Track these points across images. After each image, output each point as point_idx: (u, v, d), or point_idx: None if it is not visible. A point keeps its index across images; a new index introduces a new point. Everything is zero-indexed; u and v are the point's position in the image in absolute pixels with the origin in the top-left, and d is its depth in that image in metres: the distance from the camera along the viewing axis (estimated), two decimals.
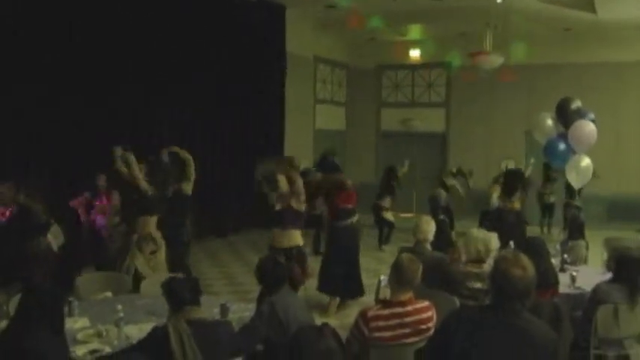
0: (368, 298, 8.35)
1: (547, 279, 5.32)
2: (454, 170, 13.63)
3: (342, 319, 7.94)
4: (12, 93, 9.65)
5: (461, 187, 13.24)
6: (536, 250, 5.39)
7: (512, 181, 10.28)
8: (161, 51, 12.05)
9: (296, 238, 7.12)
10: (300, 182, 7.07)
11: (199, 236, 11.93)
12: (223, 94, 13.81)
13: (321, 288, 8.75)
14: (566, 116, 8.53)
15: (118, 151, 7.60)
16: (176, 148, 8.59)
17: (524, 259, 3.47)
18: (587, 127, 8.40)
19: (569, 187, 12.18)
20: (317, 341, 3.31)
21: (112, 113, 11.07)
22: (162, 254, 7.30)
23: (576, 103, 8.66)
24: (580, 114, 8.52)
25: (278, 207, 7.01)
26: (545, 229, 14.64)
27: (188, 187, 8.66)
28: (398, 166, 13.66)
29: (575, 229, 8.60)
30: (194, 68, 12.94)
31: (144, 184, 7.41)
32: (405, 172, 13.60)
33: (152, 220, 7.45)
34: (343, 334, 4.55)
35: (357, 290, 8.81)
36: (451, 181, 13.05)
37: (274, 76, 15.28)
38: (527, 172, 10.72)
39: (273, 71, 15.23)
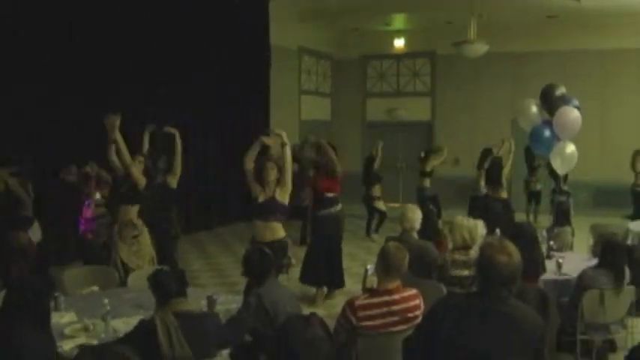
0: (355, 287, 8.37)
1: (535, 266, 5.34)
2: (422, 155, 13.63)
3: (329, 309, 7.95)
4: (11, 92, 9.60)
5: (437, 160, 13.22)
6: (524, 237, 5.42)
7: (495, 171, 10.34)
8: (143, 46, 11.97)
9: (278, 231, 6.96)
10: (289, 174, 6.98)
11: (186, 229, 11.91)
12: (207, 86, 13.76)
13: (304, 279, 8.73)
14: (550, 103, 8.54)
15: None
16: (174, 130, 8.53)
17: (510, 246, 3.48)
18: (572, 114, 8.41)
19: (553, 174, 12.23)
20: (304, 330, 3.31)
21: (117, 106, 10.99)
22: (145, 238, 7.23)
23: (561, 90, 8.67)
24: (564, 100, 8.53)
25: (261, 199, 6.89)
26: (532, 217, 14.70)
27: (173, 181, 8.63)
28: (372, 152, 13.63)
29: (561, 216, 8.66)
30: (178, 62, 12.86)
31: (141, 180, 7.34)
32: (378, 154, 13.53)
33: (133, 209, 7.38)
34: (331, 324, 4.55)
35: (338, 281, 8.81)
36: (429, 166, 13.05)
37: (259, 67, 15.22)
38: (500, 152, 10.74)
39: (258, 63, 15.16)
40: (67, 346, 4.40)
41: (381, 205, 13.38)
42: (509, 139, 11.11)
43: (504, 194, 10.42)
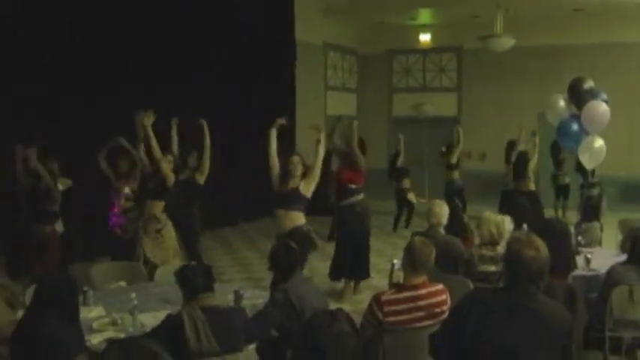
0: (381, 283, 8.36)
1: (565, 262, 5.28)
2: (443, 150, 13.61)
3: (355, 305, 7.95)
4: (13, 92, 9.62)
5: (458, 149, 13.22)
6: (554, 232, 5.36)
7: (520, 164, 10.28)
8: (170, 41, 12.02)
9: (299, 219, 7.01)
10: (318, 169, 7.05)
11: (211, 225, 11.96)
12: (233, 82, 13.78)
13: (332, 276, 8.75)
14: (578, 97, 8.45)
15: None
16: (202, 121, 8.54)
17: (538, 240, 3.44)
18: (600, 108, 8.31)
19: (580, 169, 12.10)
20: (330, 325, 3.32)
21: (117, 107, 11.07)
22: (169, 232, 7.29)
23: (589, 84, 8.57)
24: (592, 94, 8.43)
25: (285, 190, 6.98)
26: (560, 212, 14.53)
27: (201, 178, 8.73)
28: (397, 147, 13.62)
29: (589, 211, 8.57)
30: (204, 57, 12.91)
31: (170, 177, 7.42)
32: (401, 149, 13.54)
33: (159, 204, 7.45)
34: (357, 319, 4.55)
35: (364, 272, 8.81)
36: (453, 158, 13.03)
37: (284, 63, 15.23)
38: (520, 142, 10.67)
39: (283, 59, 15.18)
40: (95, 340, 4.44)
41: (412, 197, 13.35)
42: (534, 132, 11.00)
43: (532, 186, 10.35)
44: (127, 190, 8.63)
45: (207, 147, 8.60)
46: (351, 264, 8.65)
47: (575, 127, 8.48)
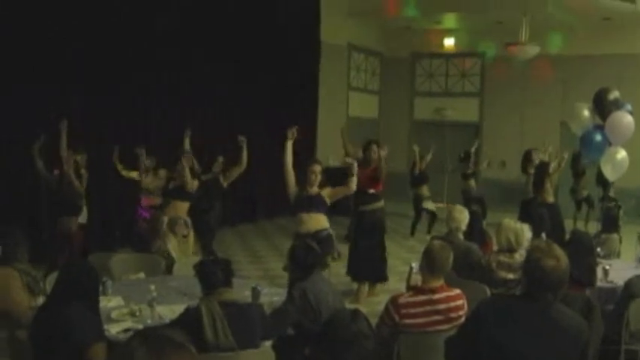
0: (398, 285, 8.36)
1: (587, 275, 5.27)
2: (462, 156, 13.60)
3: (371, 306, 7.94)
4: (25, 90, 9.70)
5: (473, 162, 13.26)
6: (581, 245, 5.36)
7: (538, 175, 10.24)
8: (195, 41, 12.10)
9: (322, 221, 7.13)
10: (338, 195, 7.25)
11: (230, 221, 12.02)
12: (257, 82, 13.82)
13: (350, 275, 8.79)
14: (603, 107, 8.42)
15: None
16: (243, 139, 8.82)
17: (558, 250, 3.44)
18: (625, 119, 8.28)
19: (601, 181, 12.03)
20: (350, 325, 3.33)
21: (140, 103, 11.18)
22: (191, 239, 7.39)
23: (614, 94, 8.54)
24: (617, 105, 8.40)
25: (306, 194, 7.05)
26: (581, 224, 14.35)
27: (226, 182, 8.89)
28: (425, 154, 13.58)
29: (608, 223, 8.51)
30: (230, 56, 12.96)
31: (190, 184, 7.55)
32: (428, 159, 13.52)
33: (184, 205, 7.55)
34: (373, 321, 4.57)
35: (381, 275, 8.80)
36: (470, 169, 13.07)
37: (308, 64, 15.28)
38: (555, 164, 10.65)
39: (308, 59, 15.22)
40: (113, 330, 4.49)
41: (430, 205, 13.29)
42: (562, 152, 10.94)
43: (551, 198, 10.31)
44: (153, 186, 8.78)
45: (242, 163, 9.06)
46: (367, 265, 8.65)
47: (598, 137, 8.45)
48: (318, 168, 7.20)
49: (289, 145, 7.20)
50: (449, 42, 17.99)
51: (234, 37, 13.03)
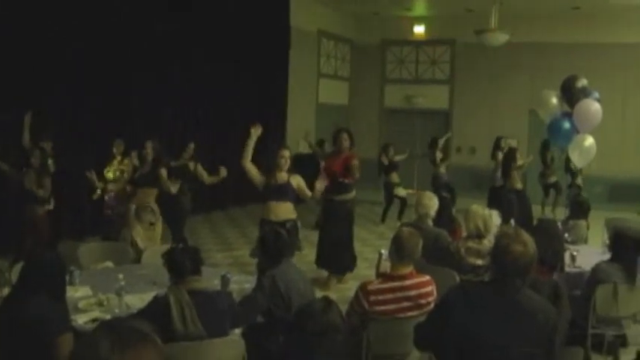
0: (367, 272, 8.38)
1: (553, 260, 5.32)
2: (429, 142, 13.75)
3: (341, 292, 7.98)
4: (25, 87, 9.66)
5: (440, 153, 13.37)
6: (546, 231, 5.41)
7: (506, 161, 10.33)
8: (161, 28, 11.94)
9: (290, 211, 7.17)
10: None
11: (200, 208, 11.96)
12: (227, 68, 13.73)
13: (318, 264, 8.78)
14: (571, 95, 8.48)
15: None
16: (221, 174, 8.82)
17: (525, 235, 3.46)
18: (593, 107, 8.35)
19: (569, 168, 12.18)
20: (321, 316, 3.32)
21: (108, 90, 11.07)
22: (159, 226, 7.32)
23: (582, 82, 8.60)
24: (585, 93, 8.47)
25: (274, 182, 7.06)
26: (549, 210, 14.53)
27: (193, 167, 8.87)
28: (391, 147, 13.59)
29: (576, 209, 8.60)
30: (196, 43, 12.83)
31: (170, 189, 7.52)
32: (401, 158, 13.60)
33: (152, 192, 7.46)
34: (342, 308, 4.56)
35: (349, 265, 8.81)
36: (438, 155, 13.18)
37: (278, 50, 15.20)
38: (524, 162, 10.80)
39: (277, 45, 15.14)
40: (80, 320, 4.44)
41: (401, 191, 13.35)
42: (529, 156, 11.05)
43: (519, 185, 10.41)
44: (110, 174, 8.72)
45: (211, 180, 8.97)
46: (336, 255, 8.64)
47: (566, 125, 8.52)
48: (287, 153, 7.24)
49: (251, 143, 7.15)
50: (419, 29, 18.04)
51: (202, 24, 12.89)
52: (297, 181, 7.22)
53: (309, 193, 7.35)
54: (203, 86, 13.27)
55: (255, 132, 7.13)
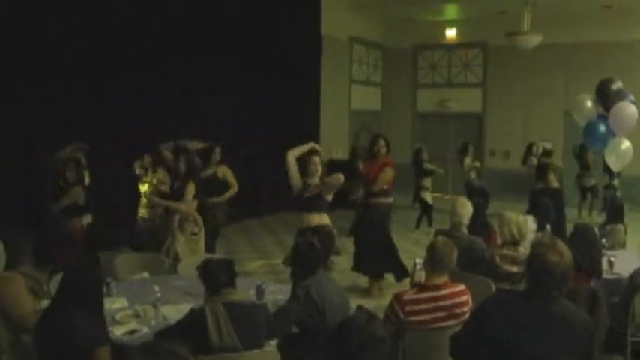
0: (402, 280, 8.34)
1: (591, 267, 5.26)
2: (460, 148, 13.60)
3: (377, 301, 7.95)
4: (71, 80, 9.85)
5: (472, 162, 13.20)
6: (584, 237, 5.35)
7: (542, 163, 10.21)
8: (195, 35, 12.05)
9: (324, 218, 7.15)
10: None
11: (235, 217, 12.01)
12: (259, 76, 13.79)
13: (357, 269, 8.76)
14: (606, 98, 8.38)
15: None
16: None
17: (561, 245, 3.43)
18: (628, 109, 8.24)
19: (607, 170, 12.00)
20: (365, 327, 3.31)
21: (151, 102, 11.17)
22: (202, 237, 7.35)
23: (617, 84, 8.49)
24: (621, 95, 8.36)
25: (307, 194, 7.07)
26: (585, 213, 14.35)
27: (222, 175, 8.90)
28: (424, 152, 13.50)
29: (613, 213, 8.49)
30: (230, 51, 12.92)
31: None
32: (433, 168, 13.50)
33: (194, 204, 7.52)
34: (380, 316, 4.55)
35: (398, 270, 8.71)
36: (466, 161, 13.06)
37: (310, 57, 15.24)
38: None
39: (309, 53, 15.19)
40: (117, 331, 4.49)
41: (427, 196, 13.26)
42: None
43: (555, 184, 10.30)
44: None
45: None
46: (373, 261, 8.62)
47: (602, 128, 8.42)
48: (317, 159, 7.23)
49: (306, 147, 7.28)
50: (451, 33, 17.95)
51: (234, 33, 12.98)
52: (324, 184, 7.14)
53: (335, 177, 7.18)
54: (236, 95, 13.36)
55: (312, 145, 7.26)
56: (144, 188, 8.76)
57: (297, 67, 14.76)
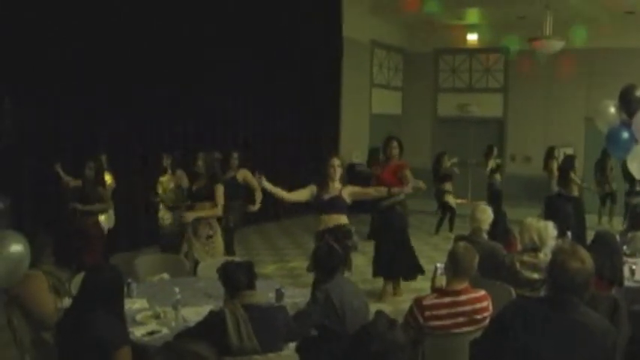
0: (421, 285, 8.31)
1: (612, 275, 5.22)
2: (486, 151, 13.51)
3: (395, 305, 7.94)
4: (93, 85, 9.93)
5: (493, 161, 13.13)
6: (605, 245, 5.31)
7: (563, 169, 10.13)
8: (215, 37, 12.09)
9: (341, 219, 7.09)
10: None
11: (254, 220, 12.02)
12: (279, 79, 13.81)
13: (375, 272, 8.74)
14: (629, 104, 8.29)
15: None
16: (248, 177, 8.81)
17: (583, 252, 3.41)
18: None
19: (629, 177, 11.89)
20: (386, 334, 3.31)
21: (160, 103, 11.22)
22: (218, 238, 7.34)
23: None
24: None
25: (326, 196, 7.04)
26: (605, 219, 14.25)
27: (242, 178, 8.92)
28: (446, 156, 13.45)
29: (635, 220, 8.40)
30: (249, 53, 12.93)
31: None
32: (452, 163, 13.40)
33: (209, 206, 7.52)
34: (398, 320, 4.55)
35: (408, 271, 8.73)
36: (491, 163, 12.98)
37: (330, 60, 15.23)
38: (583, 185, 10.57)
39: (330, 56, 15.18)
40: (138, 332, 4.51)
41: (450, 199, 13.21)
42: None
43: (575, 192, 10.22)
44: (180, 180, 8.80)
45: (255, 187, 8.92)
46: (393, 263, 8.60)
47: (625, 135, 8.34)
48: (336, 162, 7.19)
49: (273, 189, 7.31)
50: (472, 37, 17.87)
51: (255, 35, 12.98)
52: (349, 190, 7.15)
53: (370, 190, 7.32)
54: (256, 97, 13.38)
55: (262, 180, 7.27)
56: (162, 188, 8.81)
57: (317, 69, 14.76)
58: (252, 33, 12.90)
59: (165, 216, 8.93)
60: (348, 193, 7.11)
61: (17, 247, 4.53)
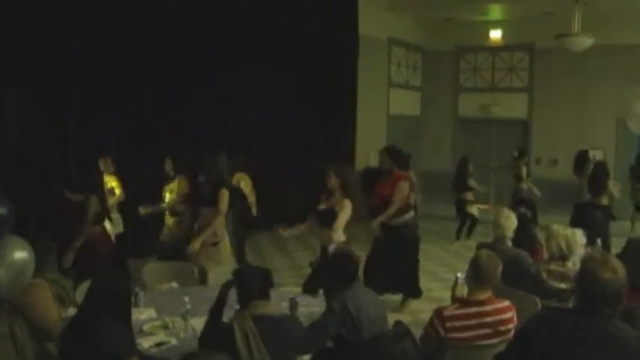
0: (441, 294, 8.07)
1: None
2: (515, 155, 13.14)
3: (414, 315, 7.71)
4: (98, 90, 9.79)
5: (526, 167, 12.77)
6: (638, 253, 5.13)
7: (600, 176, 9.79)
8: (229, 36, 11.90)
9: (327, 238, 7.03)
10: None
11: (267, 225, 11.86)
12: (293, 78, 13.57)
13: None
14: None
15: None
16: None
17: (614, 261, 3.27)
18: None
19: None
20: (394, 344, 3.19)
21: (167, 103, 11.10)
22: (225, 245, 7.15)
23: None
24: None
25: (322, 206, 7.04)
26: (638, 226, 13.81)
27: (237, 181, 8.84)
28: (470, 164, 13.07)
29: None
30: (263, 52, 12.68)
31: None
32: (477, 188, 13.08)
33: (213, 212, 7.33)
34: (416, 331, 4.35)
35: (413, 291, 8.40)
36: (524, 168, 12.62)
37: (346, 58, 14.90)
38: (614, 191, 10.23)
39: (345, 54, 14.88)
40: (145, 344, 4.41)
41: (473, 209, 12.82)
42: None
43: (605, 200, 9.92)
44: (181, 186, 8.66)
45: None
46: (399, 279, 8.24)
47: None
48: (330, 175, 7.14)
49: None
50: (495, 34, 17.52)
51: (270, 32, 12.73)
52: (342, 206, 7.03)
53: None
54: (270, 99, 13.18)
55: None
56: (167, 195, 8.67)
57: (333, 68, 14.42)
58: (265, 31, 12.65)
59: (171, 223, 8.73)
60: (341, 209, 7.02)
61: (21, 254, 4.40)
